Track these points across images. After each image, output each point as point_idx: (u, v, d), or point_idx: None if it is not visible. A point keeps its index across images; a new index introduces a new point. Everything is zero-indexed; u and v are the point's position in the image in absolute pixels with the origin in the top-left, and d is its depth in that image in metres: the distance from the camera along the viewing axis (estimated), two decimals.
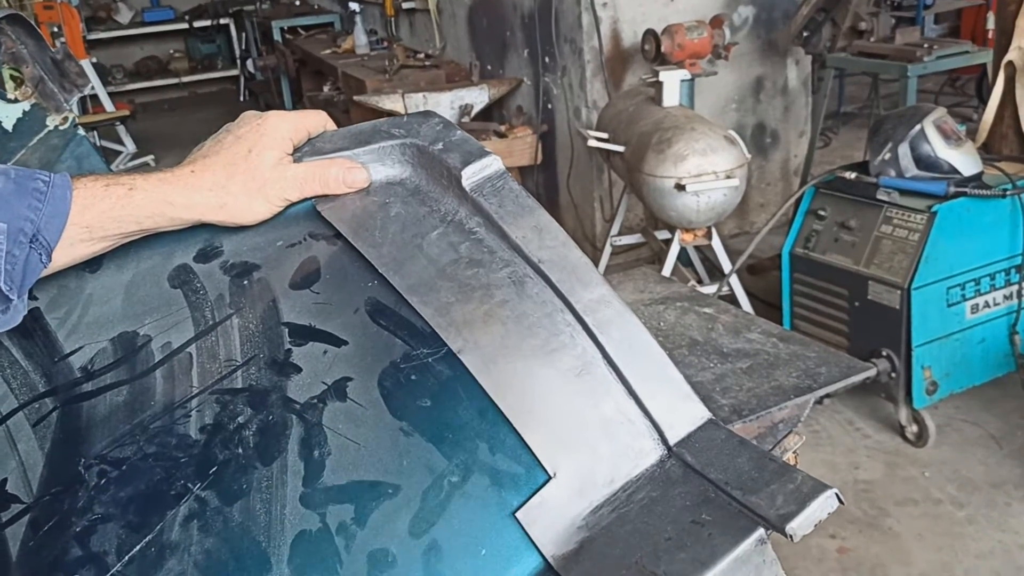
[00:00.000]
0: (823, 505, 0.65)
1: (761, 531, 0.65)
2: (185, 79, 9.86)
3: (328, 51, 6.41)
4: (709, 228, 3.35)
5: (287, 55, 7.10)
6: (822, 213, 3.10)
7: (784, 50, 4.66)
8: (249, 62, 8.86)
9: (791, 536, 0.64)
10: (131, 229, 0.85)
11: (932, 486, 2.80)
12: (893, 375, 2.90)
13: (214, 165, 0.86)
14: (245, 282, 0.84)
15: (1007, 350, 3.01)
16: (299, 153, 0.90)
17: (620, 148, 3.43)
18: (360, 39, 6.17)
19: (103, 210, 0.82)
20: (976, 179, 2.85)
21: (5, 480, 0.75)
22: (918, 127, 2.87)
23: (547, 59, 4.60)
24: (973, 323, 2.94)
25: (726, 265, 3.43)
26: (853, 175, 3.00)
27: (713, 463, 0.71)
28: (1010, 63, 3.05)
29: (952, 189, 2.78)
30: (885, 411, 3.12)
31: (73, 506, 0.72)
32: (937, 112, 2.93)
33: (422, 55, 5.73)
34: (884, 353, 2.89)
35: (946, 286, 2.86)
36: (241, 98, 9.44)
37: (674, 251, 3.39)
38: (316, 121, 0.94)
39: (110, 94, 7.71)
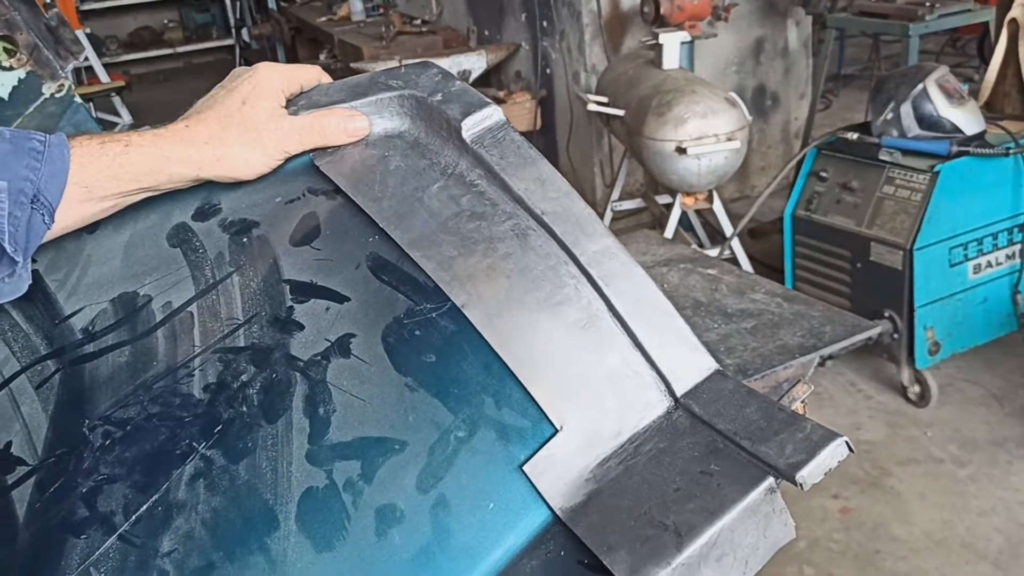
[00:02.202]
0: (833, 453, 0.64)
1: (771, 480, 0.65)
2: (180, 49, 9.77)
3: (324, 19, 6.35)
4: (710, 191, 3.33)
5: (282, 23, 7.03)
6: (824, 175, 3.08)
7: (784, 11, 4.61)
8: (244, 31, 8.78)
9: (801, 484, 0.64)
10: (130, 187, 0.83)
11: (934, 445, 2.81)
12: (895, 336, 2.89)
13: (208, 119, 0.85)
14: (245, 240, 0.83)
15: (1009, 310, 3.01)
16: (295, 107, 0.89)
17: (620, 112, 3.40)
18: (356, 6, 6.10)
19: (101, 168, 0.81)
20: (979, 138, 2.83)
21: (10, 443, 0.75)
22: (920, 86, 2.85)
23: (545, 23, 4.55)
24: (975, 283, 2.94)
25: (727, 228, 3.42)
26: (855, 136, 2.98)
27: (721, 413, 0.70)
28: (1013, 21, 3.01)
29: (954, 148, 2.76)
30: (887, 373, 3.12)
31: (79, 467, 0.72)
32: (939, 71, 2.91)
33: (418, 21, 5.67)
34: (886, 314, 2.89)
35: (948, 246, 2.85)
36: (236, 67, 9.36)
37: (675, 215, 3.37)
38: (309, 75, 0.92)
39: (104, 65, 7.64)
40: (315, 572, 0.66)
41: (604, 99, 3.57)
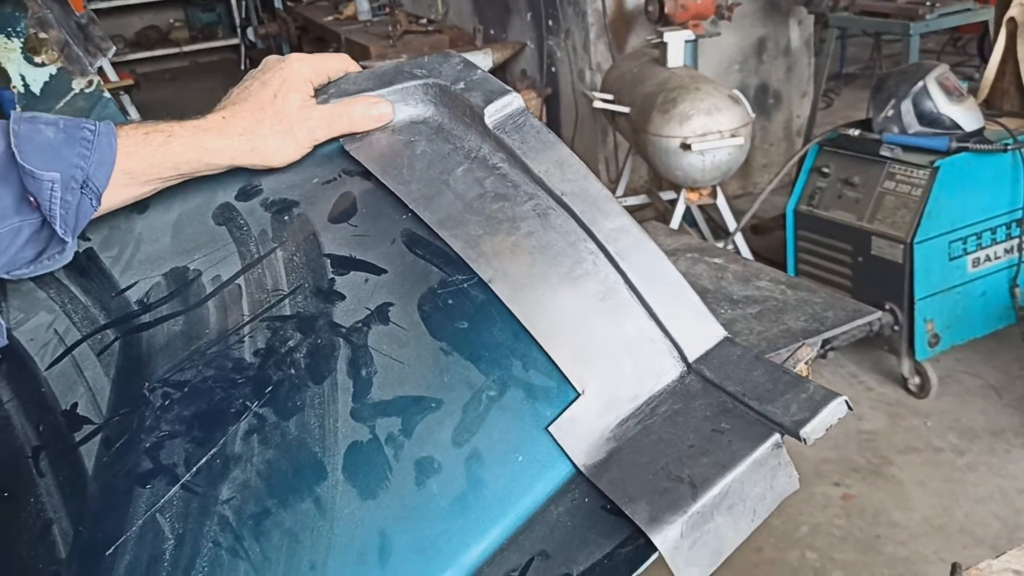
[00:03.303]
0: (834, 411, 0.71)
1: (777, 436, 0.71)
2: (186, 48, 9.83)
3: (330, 18, 6.41)
4: (714, 187, 3.39)
5: (288, 22, 7.09)
6: (826, 170, 3.14)
7: (787, 10, 4.67)
8: (250, 30, 8.84)
9: (805, 439, 0.70)
10: (170, 174, 0.89)
11: (933, 435, 2.87)
12: (896, 328, 2.95)
13: (243, 111, 0.90)
14: (286, 218, 0.89)
15: (1007, 303, 3.07)
16: (325, 95, 0.94)
17: (625, 109, 3.46)
18: (362, 5, 6.16)
19: (144, 156, 0.87)
20: (978, 134, 2.89)
21: (76, 404, 0.81)
22: (920, 84, 2.91)
23: (550, 22, 4.61)
24: (974, 276, 3.00)
25: (731, 224, 3.48)
26: (856, 132, 3.04)
27: (730, 377, 0.76)
28: (1012, 19, 3.07)
29: (954, 144, 2.82)
30: (887, 365, 3.18)
31: (141, 425, 0.78)
32: (939, 69, 2.97)
33: (424, 20, 5.73)
34: (887, 307, 2.94)
35: (948, 240, 2.91)
36: (242, 66, 9.42)
37: (679, 210, 3.43)
38: (338, 64, 0.97)
39: (111, 64, 7.70)
40: (360, 518, 0.72)
41: (609, 96, 3.63)
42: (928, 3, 3.85)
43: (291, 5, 7.51)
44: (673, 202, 3.50)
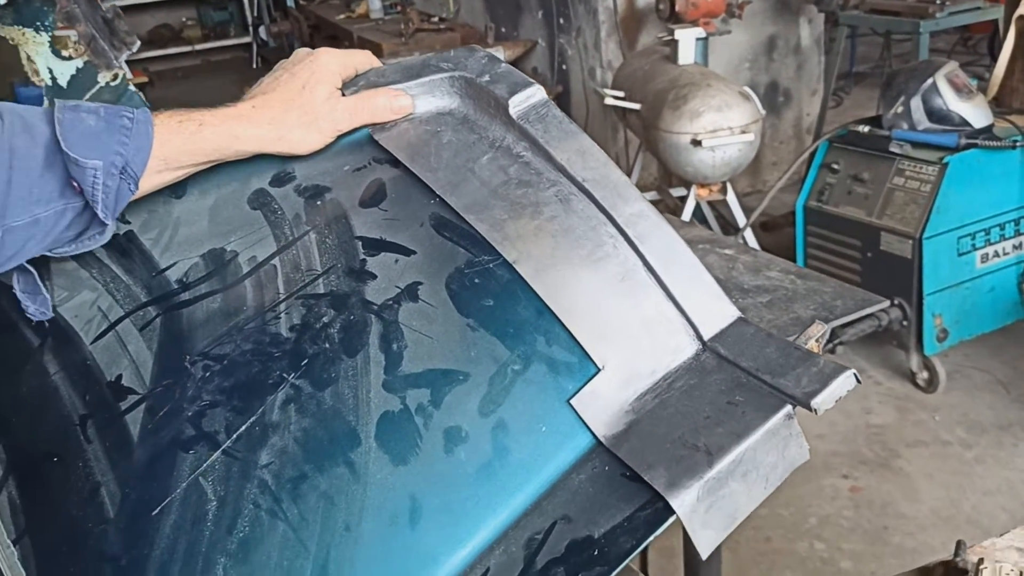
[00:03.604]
0: (843, 384, 0.74)
1: (789, 407, 0.75)
2: (198, 47, 9.89)
3: (342, 16, 6.46)
4: (724, 183, 3.42)
5: (301, 21, 7.14)
6: (835, 167, 3.17)
7: (797, 9, 4.70)
8: (262, 29, 8.90)
9: (815, 410, 0.74)
10: (201, 160, 0.93)
11: (941, 429, 2.90)
12: (905, 323, 2.98)
13: (272, 101, 0.94)
14: (318, 202, 0.93)
15: (1016, 299, 3.09)
16: (354, 87, 0.98)
17: (636, 106, 3.50)
18: (374, 4, 6.21)
19: (178, 144, 0.91)
20: (987, 131, 2.92)
21: (120, 376, 0.86)
22: (930, 80, 2.94)
23: (561, 20, 4.65)
24: (983, 272, 3.02)
25: (740, 220, 3.51)
26: (866, 129, 3.07)
27: (744, 353, 0.80)
28: (1021, 17, 3.09)
29: (963, 141, 2.85)
30: (896, 360, 3.21)
31: (183, 395, 0.82)
32: (949, 66, 2.99)
33: (436, 19, 5.78)
34: (896, 302, 2.97)
35: (957, 236, 2.93)
36: (253, 65, 9.48)
37: (690, 206, 3.46)
38: (363, 59, 1.02)
39: (125, 62, 7.77)
40: (392, 482, 0.76)
41: (620, 93, 3.66)
42: (938, 1, 3.88)
43: (303, 3, 7.56)
44: (683, 198, 3.53)
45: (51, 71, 1.93)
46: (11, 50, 1.88)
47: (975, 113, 2.93)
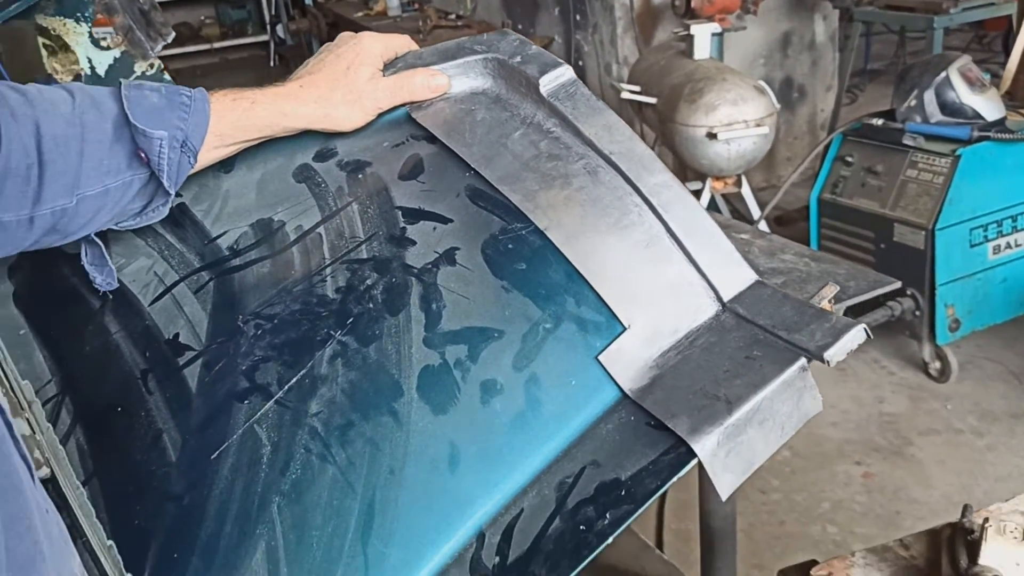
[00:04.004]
0: (854, 337, 0.79)
1: (803, 360, 0.80)
2: (216, 45, 9.98)
3: (360, 14, 6.53)
4: (739, 176, 3.47)
5: (319, 18, 7.22)
6: (849, 159, 3.21)
7: (811, 5, 4.73)
8: (280, 27, 8.98)
9: (828, 362, 0.79)
10: (253, 136, 0.99)
11: (954, 417, 2.93)
12: (917, 313, 3.02)
13: (318, 81, 1.01)
14: (360, 176, 0.99)
15: None
16: (394, 69, 1.05)
17: (652, 100, 3.55)
18: (392, 1, 6.28)
19: (232, 120, 0.97)
20: (999, 124, 2.95)
21: (177, 334, 0.92)
22: (943, 74, 2.98)
23: (578, 16, 4.70)
24: (995, 263, 3.06)
25: (755, 213, 3.55)
26: (880, 122, 3.11)
27: (761, 312, 0.85)
28: None
29: (976, 133, 2.88)
30: (909, 351, 3.25)
31: (237, 351, 0.88)
32: (962, 59, 3.03)
33: (453, 16, 5.83)
34: (909, 292, 3.01)
35: (969, 227, 2.97)
36: (271, 63, 9.57)
37: (705, 199, 3.51)
38: (402, 42, 1.08)
39: None
40: (432, 430, 0.82)
41: (637, 88, 3.71)
42: None
43: (321, 1, 7.63)
44: (699, 192, 3.58)
45: (90, 60, 2.00)
46: (34, 50, 1.95)
47: (987, 106, 2.96)
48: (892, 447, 2.83)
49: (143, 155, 0.89)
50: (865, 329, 0.81)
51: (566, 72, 0.98)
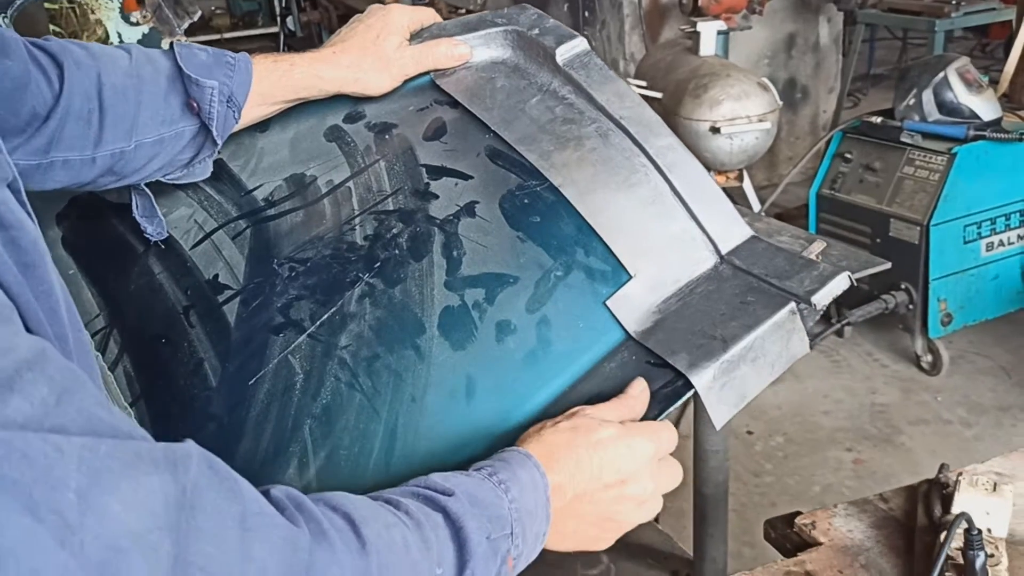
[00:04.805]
0: (839, 283, 0.87)
1: (793, 304, 0.87)
2: (226, 35, 10.04)
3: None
4: (741, 171, 3.54)
5: (330, 10, 7.30)
6: (848, 156, 3.29)
7: (816, 7, 4.81)
8: (290, 19, 9.05)
9: (815, 305, 0.86)
10: (290, 97, 1.07)
11: (943, 409, 3.01)
12: (911, 307, 3.10)
13: (350, 48, 1.08)
14: (387, 136, 1.07)
15: (1019, 287, 3.21)
16: (419, 39, 1.12)
17: (658, 94, 3.62)
18: None
19: (273, 81, 1.05)
20: (995, 124, 3.03)
21: (217, 275, 0.99)
22: (941, 74, 3.05)
23: (587, 13, 4.78)
24: (988, 260, 3.14)
25: (756, 207, 3.62)
26: (879, 120, 3.19)
27: (756, 263, 0.93)
28: None
29: (972, 133, 2.96)
30: (902, 344, 3.32)
31: (272, 290, 0.96)
32: (960, 61, 3.11)
33: (463, 11, 5.91)
34: (903, 286, 3.09)
35: (963, 224, 3.05)
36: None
37: None
38: (428, 15, 1.16)
39: None
40: (451, 364, 0.89)
41: (643, 83, 3.79)
42: (954, 1, 3.98)
43: None
44: None
45: (120, 35, 2.08)
46: (54, 35, 2.04)
47: (984, 106, 3.04)
48: (882, 435, 2.90)
49: (195, 104, 0.97)
50: (849, 276, 0.88)
51: (581, 43, 1.06)
